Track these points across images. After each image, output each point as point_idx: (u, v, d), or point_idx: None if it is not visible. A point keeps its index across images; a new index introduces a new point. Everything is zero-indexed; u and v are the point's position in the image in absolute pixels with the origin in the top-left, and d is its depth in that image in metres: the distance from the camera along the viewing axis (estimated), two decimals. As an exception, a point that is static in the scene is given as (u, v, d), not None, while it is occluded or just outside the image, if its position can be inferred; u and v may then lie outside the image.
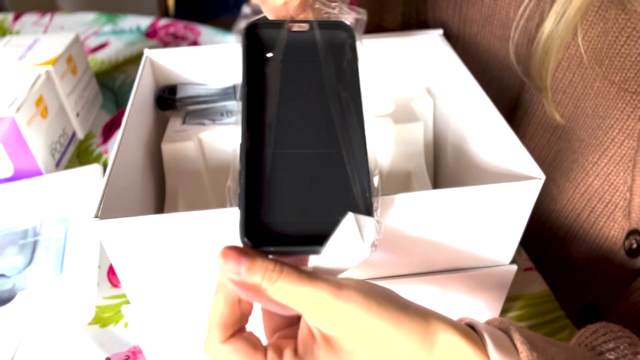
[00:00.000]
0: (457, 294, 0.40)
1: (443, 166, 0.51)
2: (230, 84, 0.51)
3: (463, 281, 0.39)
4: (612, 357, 0.29)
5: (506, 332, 0.29)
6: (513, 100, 0.54)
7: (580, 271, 0.49)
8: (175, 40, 0.90)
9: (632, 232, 0.43)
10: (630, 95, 0.40)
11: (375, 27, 0.61)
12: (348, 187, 0.30)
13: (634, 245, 0.43)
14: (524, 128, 0.52)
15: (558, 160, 0.49)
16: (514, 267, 0.39)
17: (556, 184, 0.48)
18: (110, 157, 0.36)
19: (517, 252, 0.50)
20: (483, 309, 0.42)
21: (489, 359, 0.26)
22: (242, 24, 0.34)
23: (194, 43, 0.89)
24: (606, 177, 0.43)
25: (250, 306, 0.29)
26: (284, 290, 0.26)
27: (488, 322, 0.30)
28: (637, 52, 0.40)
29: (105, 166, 0.60)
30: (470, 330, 0.28)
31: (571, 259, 0.49)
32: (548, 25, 0.44)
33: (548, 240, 0.51)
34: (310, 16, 0.34)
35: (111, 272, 0.49)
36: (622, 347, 0.29)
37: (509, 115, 0.55)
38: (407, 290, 0.39)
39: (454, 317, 0.42)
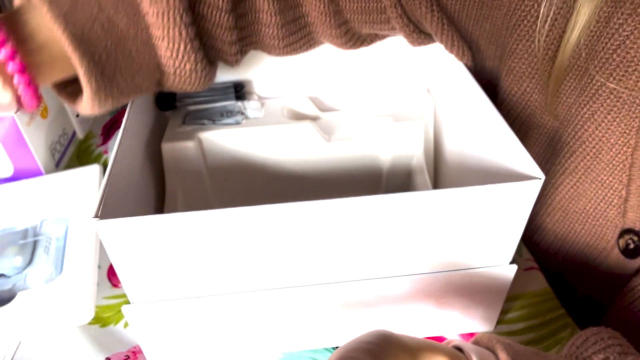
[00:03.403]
0: (457, 293, 0.40)
1: (443, 166, 0.51)
2: (230, 84, 0.51)
3: (463, 281, 0.39)
4: None
5: (492, 351, 0.29)
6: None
7: (573, 269, 0.48)
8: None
9: (626, 231, 0.43)
10: (626, 93, 0.39)
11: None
12: None
13: (631, 245, 0.42)
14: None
15: (548, 157, 0.48)
16: (514, 267, 0.39)
17: (548, 180, 0.48)
18: (110, 157, 0.36)
19: (517, 252, 0.50)
20: (483, 309, 0.42)
21: None
22: None
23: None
24: (598, 175, 0.43)
25: None
26: None
27: (477, 340, 0.31)
28: (632, 53, 0.39)
29: (105, 166, 0.60)
30: (457, 353, 0.28)
31: (563, 255, 0.49)
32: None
33: (540, 237, 0.51)
34: None
35: (111, 272, 0.49)
36: (611, 357, 0.30)
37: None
38: (406, 290, 0.39)
39: (453, 318, 0.42)
